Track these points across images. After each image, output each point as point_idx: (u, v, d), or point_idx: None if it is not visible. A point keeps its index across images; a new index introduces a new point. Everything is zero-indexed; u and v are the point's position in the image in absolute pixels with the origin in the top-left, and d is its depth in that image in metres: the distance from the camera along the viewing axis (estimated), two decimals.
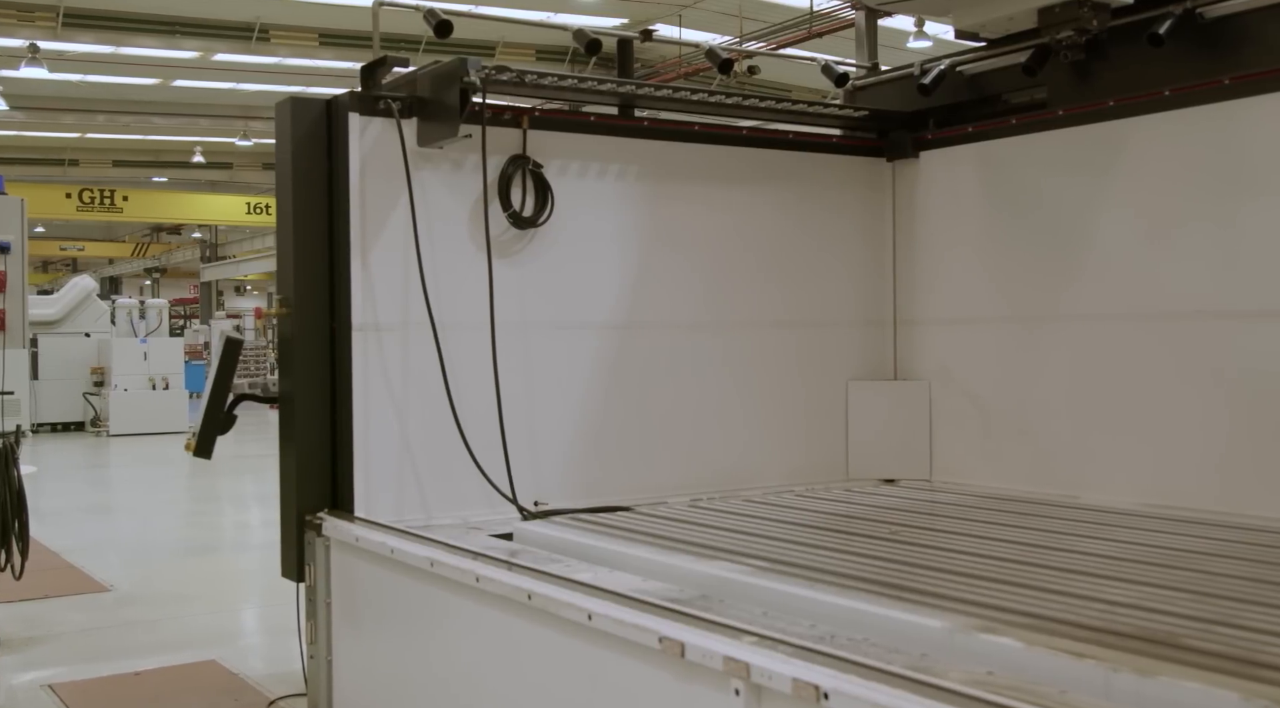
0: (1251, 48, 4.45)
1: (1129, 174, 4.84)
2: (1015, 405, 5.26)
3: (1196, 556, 3.65)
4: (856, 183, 5.76)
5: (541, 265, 4.93)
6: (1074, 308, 5.02)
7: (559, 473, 4.92)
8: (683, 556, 3.74)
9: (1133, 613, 2.91)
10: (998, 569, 3.49)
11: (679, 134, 5.33)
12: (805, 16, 16.45)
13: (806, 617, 2.99)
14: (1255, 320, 4.41)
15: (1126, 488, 4.75)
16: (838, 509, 4.79)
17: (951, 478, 5.49)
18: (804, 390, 5.57)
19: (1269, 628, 2.74)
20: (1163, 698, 2.33)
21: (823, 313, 5.64)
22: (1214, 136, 4.55)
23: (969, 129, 5.50)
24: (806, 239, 5.61)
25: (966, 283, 5.50)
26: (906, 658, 2.57)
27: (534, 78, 4.88)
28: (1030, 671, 2.52)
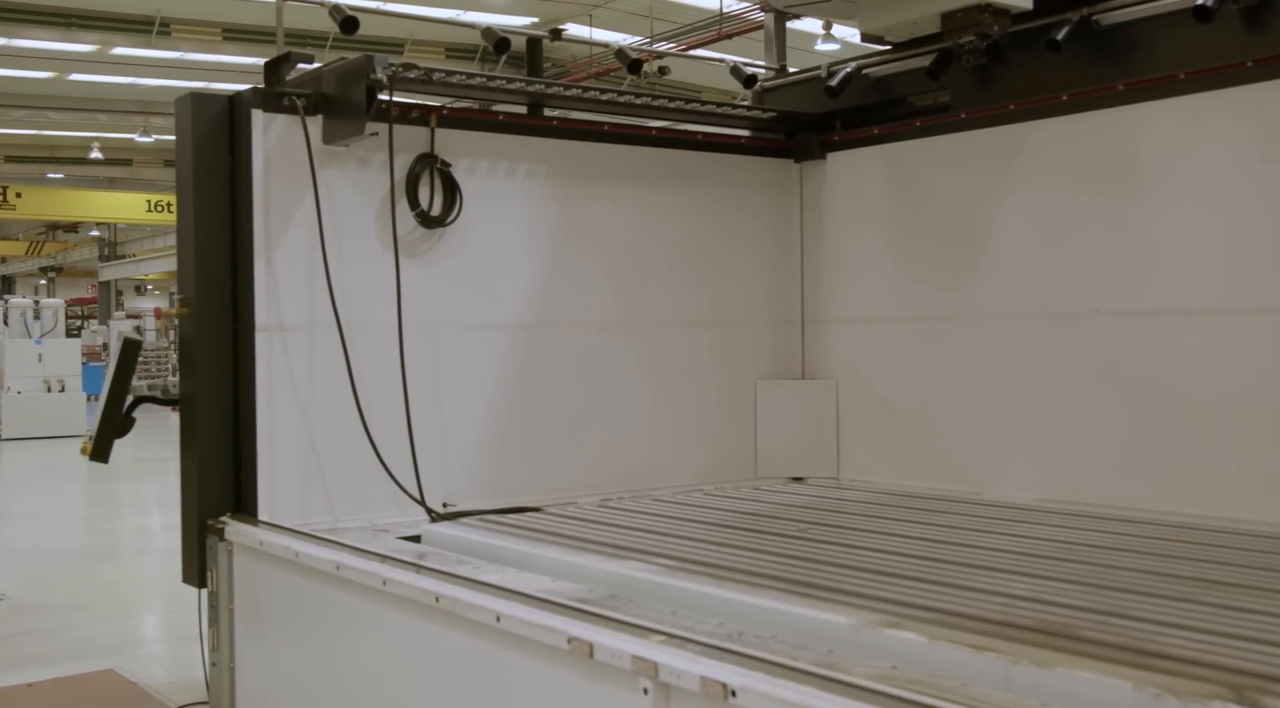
0: (1144, 54, 4.58)
1: (1029, 176, 4.95)
2: (920, 404, 5.35)
3: (1092, 549, 3.74)
4: (765, 183, 5.81)
5: (450, 265, 4.90)
6: (976, 307, 5.12)
7: (468, 474, 4.88)
8: (592, 556, 3.73)
9: (1031, 606, 2.98)
10: (902, 565, 3.54)
11: (589, 134, 5.32)
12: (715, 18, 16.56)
13: (715, 615, 3.00)
14: (1148, 319, 4.54)
15: (1027, 484, 4.86)
16: (746, 508, 4.82)
17: (858, 476, 5.56)
18: (713, 390, 5.60)
19: (1159, 618, 2.82)
20: (1059, 688, 2.38)
21: (731, 313, 5.67)
22: (1109, 140, 4.67)
23: (875, 131, 5.58)
24: (715, 239, 5.64)
25: (872, 283, 5.58)
26: (813, 655, 2.60)
27: (442, 76, 4.84)
28: (933, 665, 2.56)
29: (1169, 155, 4.50)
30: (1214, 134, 4.37)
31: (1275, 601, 3.00)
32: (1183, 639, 2.63)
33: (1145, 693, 2.26)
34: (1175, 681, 2.31)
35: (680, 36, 17.33)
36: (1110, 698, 2.31)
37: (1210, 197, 4.37)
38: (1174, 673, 2.37)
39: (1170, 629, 2.72)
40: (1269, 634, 2.66)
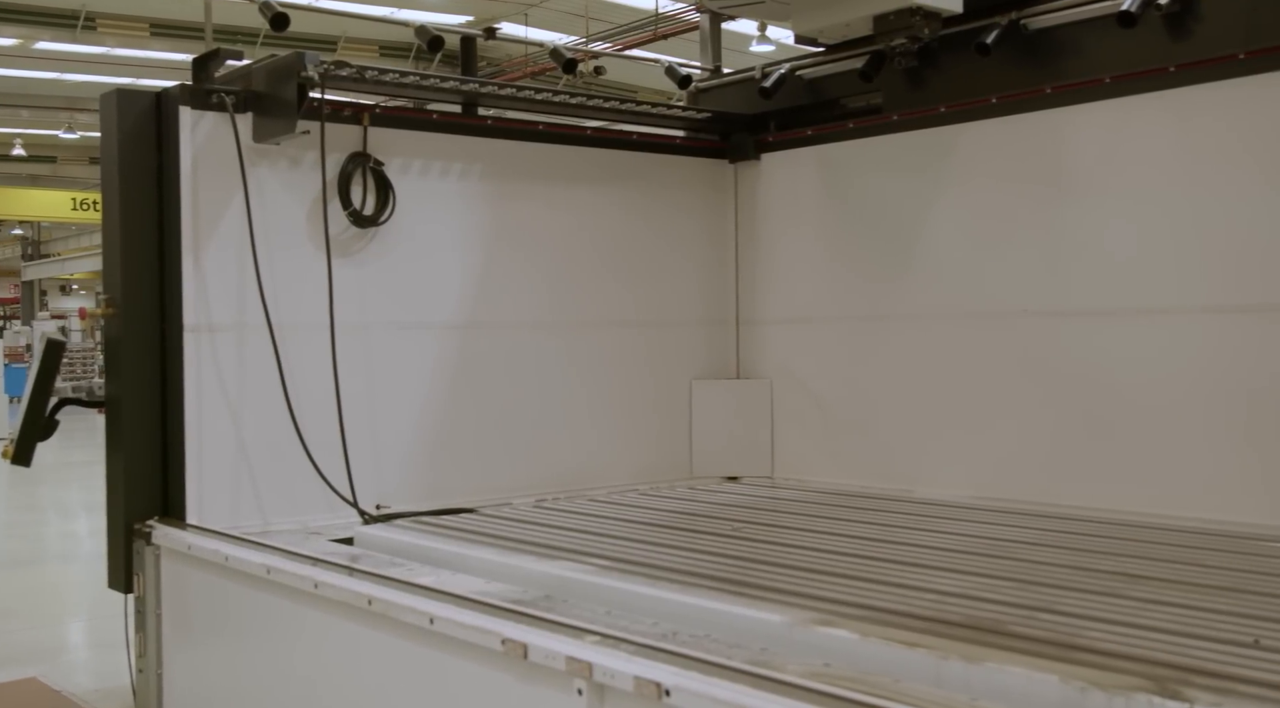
0: (1071, 58, 4.66)
1: (960, 177, 5.01)
2: (853, 403, 5.40)
3: (1021, 545, 3.80)
4: (700, 184, 5.83)
5: (383, 265, 4.85)
6: (908, 307, 5.18)
7: (402, 475, 4.84)
8: (526, 556, 3.72)
9: (962, 602, 3.01)
10: (836, 563, 3.57)
11: (523, 133, 5.30)
12: (651, 18, 16.58)
13: (649, 615, 3.01)
14: (1076, 319, 4.62)
15: (958, 481, 4.92)
16: (681, 507, 4.83)
17: (793, 474, 5.60)
18: (648, 390, 5.61)
19: (1085, 613, 2.87)
20: (989, 683, 2.42)
21: (666, 313, 5.69)
22: (1038, 142, 4.74)
23: (808, 132, 5.62)
24: (650, 240, 5.65)
25: (806, 283, 5.62)
26: (747, 653, 2.62)
27: (375, 74, 4.79)
28: (865, 661, 2.59)
29: (1096, 158, 4.58)
30: (1139, 137, 4.46)
31: (1196, 594, 3.07)
32: (1108, 633, 2.67)
33: (1071, 686, 2.30)
34: (1100, 674, 2.35)
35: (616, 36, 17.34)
36: (1037, 692, 2.34)
37: (1136, 198, 4.46)
38: (1099, 666, 2.41)
39: (1096, 624, 2.77)
40: (1190, 627, 2.72)
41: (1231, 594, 3.07)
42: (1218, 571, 3.36)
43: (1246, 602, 2.98)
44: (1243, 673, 2.34)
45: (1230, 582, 3.21)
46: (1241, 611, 2.88)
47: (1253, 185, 4.15)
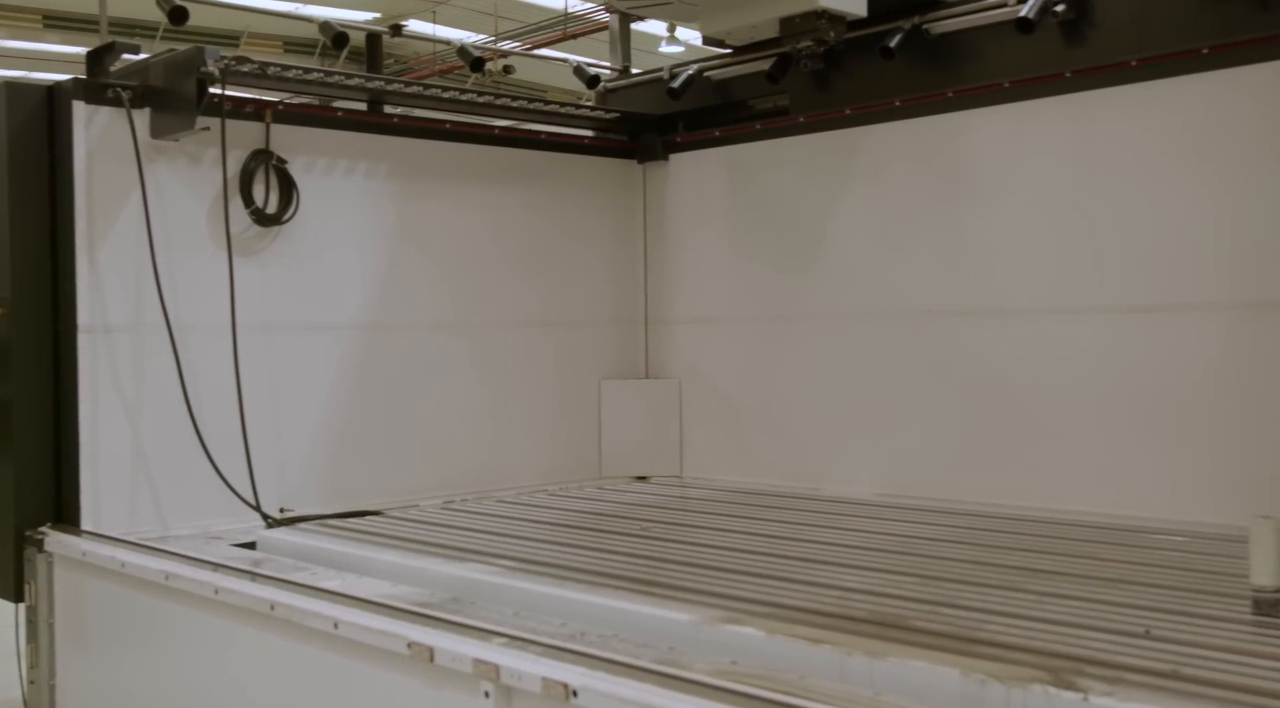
0: (972, 63, 4.75)
1: (865, 179, 5.08)
2: (761, 402, 5.44)
3: (924, 541, 3.86)
4: (608, 184, 5.83)
5: (287, 265, 4.77)
6: (814, 306, 5.23)
7: (306, 478, 4.77)
8: (433, 559, 3.68)
9: (866, 598, 3.05)
10: (743, 562, 3.59)
11: (431, 132, 5.25)
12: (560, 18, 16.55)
13: (557, 616, 3.00)
14: (977, 318, 4.71)
15: (864, 479, 4.99)
16: (590, 507, 4.83)
17: (702, 474, 5.62)
18: (557, 390, 5.60)
19: (985, 607, 2.92)
20: (892, 677, 2.45)
21: (575, 313, 5.68)
22: (940, 144, 4.83)
23: (716, 133, 5.65)
24: (559, 239, 5.64)
25: (714, 283, 5.65)
26: (654, 652, 2.62)
27: (277, 70, 4.71)
28: (772, 659, 2.60)
29: (996, 160, 4.68)
30: (1037, 140, 4.56)
31: (1091, 587, 3.15)
32: (1007, 626, 2.73)
33: (971, 679, 2.34)
34: (999, 666, 2.39)
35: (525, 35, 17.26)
36: (938, 685, 2.38)
37: (1034, 200, 4.56)
38: (998, 659, 2.46)
39: (996, 617, 2.82)
40: (1085, 619, 2.78)
41: (1125, 586, 3.15)
42: (1112, 564, 3.44)
43: (1139, 593, 3.06)
44: (1134, 663, 2.41)
45: (1124, 574, 3.30)
46: (1134, 602, 2.95)
47: (1144, 188, 4.27)
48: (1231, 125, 4.07)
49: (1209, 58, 4.10)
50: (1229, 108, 4.07)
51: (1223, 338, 4.09)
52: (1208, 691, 2.24)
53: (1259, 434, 3.99)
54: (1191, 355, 4.15)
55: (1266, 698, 2.19)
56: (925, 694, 2.37)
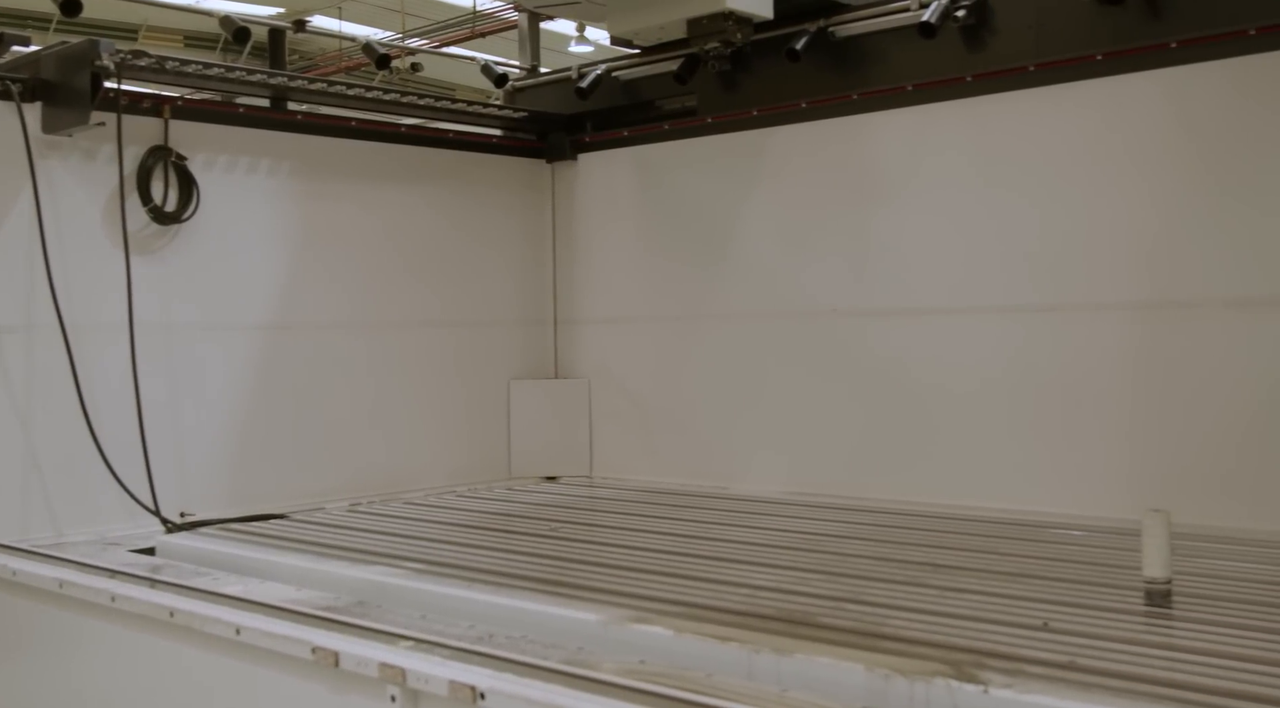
0: (876, 66, 4.82)
1: (771, 180, 5.13)
2: (670, 402, 5.46)
3: (831, 538, 3.91)
4: (517, 183, 5.81)
5: (187, 264, 4.67)
6: (722, 306, 5.27)
7: (208, 482, 4.67)
8: (339, 562, 3.63)
9: (773, 596, 3.08)
10: (652, 561, 3.60)
11: (336, 130, 5.18)
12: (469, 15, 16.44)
13: (465, 618, 2.97)
14: (881, 318, 4.78)
15: (773, 478, 5.03)
16: (499, 508, 4.81)
17: (611, 473, 5.63)
18: (465, 390, 5.56)
19: (890, 602, 2.97)
20: (798, 673, 2.47)
21: (484, 312, 5.64)
22: (845, 146, 4.89)
23: (625, 133, 5.66)
24: (468, 239, 5.60)
25: (623, 282, 5.66)
26: (563, 653, 2.62)
27: (176, 65, 4.61)
28: (680, 657, 2.61)
29: (899, 162, 4.75)
30: (939, 143, 4.64)
31: (992, 581, 3.21)
32: (910, 621, 2.77)
33: (875, 674, 2.38)
34: (903, 661, 2.43)
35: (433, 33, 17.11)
36: (844, 680, 2.41)
37: (936, 202, 4.64)
38: (902, 654, 2.49)
39: (900, 612, 2.86)
40: (986, 613, 2.84)
41: (1024, 580, 3.22)
42: (1012, 558, 3.52)
43: (1038, 587, 3.13)
44: (1033, 655, 2.46)
45: (1023, 568, 3.37)
46: (1033, 595, 3.02)
47: (1042, 191, 4.37)
48: (1125, 130, 4.19)
49: (1103, 64, 4.21)
50: (1122, 113, 4.19)
51: (1118, 337, 4.20)
52: (1102, 680, 2.29)
53: (1154, 430, 4.10)
54: (1088, 354, 4.26)
55: (1157, 686, 2.26)
56: (831, 690, 2.39)
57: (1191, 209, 4.04)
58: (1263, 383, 3.88)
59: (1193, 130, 4.05)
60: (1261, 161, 3.90)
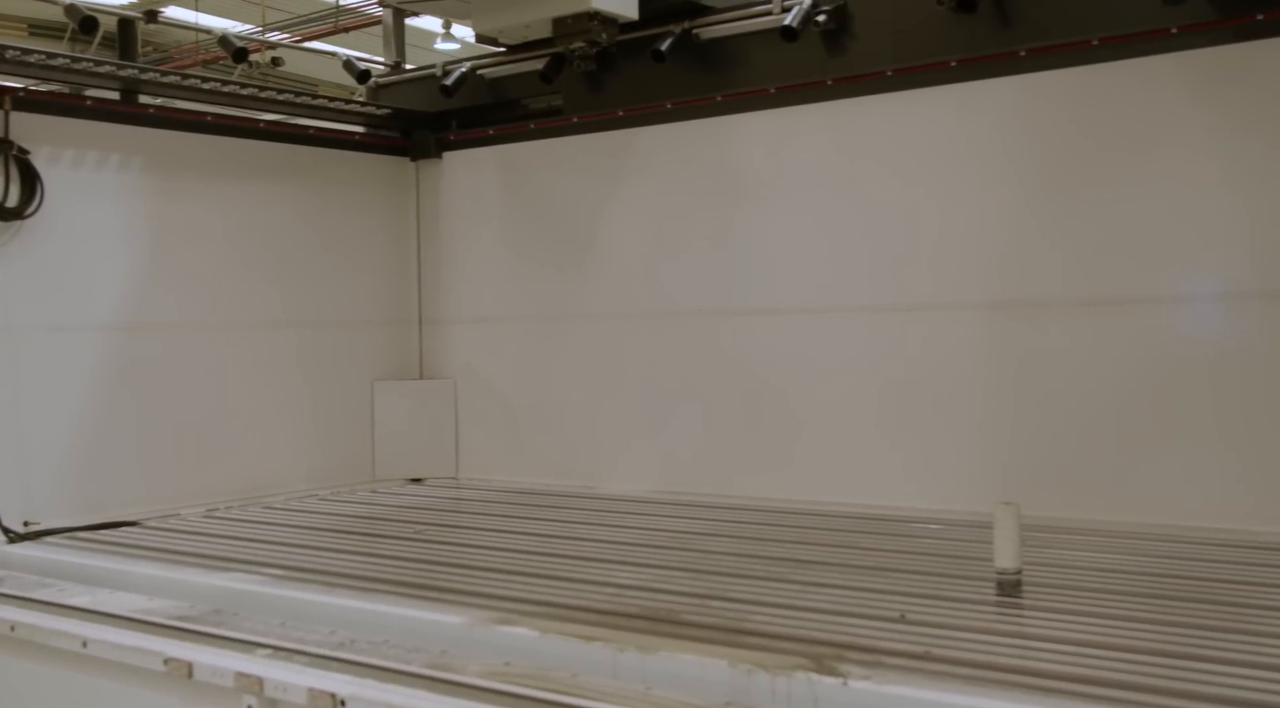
0: (739, 68, 4.88)
1: (637, 180, 5.15)
2: (537, 402, 5.44)
3: (696, 536, 3.94)
4: (381, 181, 5.72)
5: (31, 262, 4.47)
6: (589, 306, 5.27)
7: (55, 489, 4.48)
8: (194, 570, 3.52)
9: (639, 594, 3.09)
10: (517, 562, 3.58)
11: (190, 124, 5.02)
12: (332, 10, 16.12)
13: (326, 624, 2.92)
14: (745, 317, 4.84)
15: (639, 476, 5.05)
16: (363, 511, 4.73)
17: (478, 474, 5.58)
18: (328, 391, 5.45)
19: (753, 598, 3.01)
20: (663, 671, 2.49)
21: (346, 312, 5.54)
22: (710, 147, 4.94)
23: (490, 131, 5.62)
24: (330, 238, 5.49)
25: (490, 282, 5.62)
26: (426, 657, 2.60)
27: (16, 54, 4.41)
28: (545, 658, 2.60)
29: (762, 163, 4.82)
30: (800, 145, 4.72)
31: (852, 575, 3.28)
32: (773, 616, 2.81)
33: (739, 669, 2.40)
34: (765, 655, 2.46)
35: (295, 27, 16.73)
36: (708, 677, 2.43)
37: (798, 203, 4.72)
38: (765, 649, 2.53)
39: (763, 608, 2.90)
40: (846, 606, 2.90)
41: (883, 574, 3.30)
42: (872, 552, 3.60)
43: (896, 580, 3.21)
44: (891, 646, 2.52)
45: (881, 562, 3.45)
46: (891, 588, 3.09)
47: (900, 193, 4.48)
48: (978, 135, 4.32)
49: (957, 70, 4.33)
50: (975, 118, 4.32)
51: (973, 336, 4.33)
52: (956, 669, 2.36)
53: (1007, 426, 4.24)
54: (945, 353, 4.38)
55: (1008, 673, 2.33)
56: (695, 686, 2.42)
57: (1041, 212, 4.18)
58: (1109, 380, 4.04)
59: (1041, 135, 4.19)
60: (1105, 166, 4.06)
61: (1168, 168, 3.94)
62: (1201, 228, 3.89)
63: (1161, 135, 3.96)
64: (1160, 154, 3.96)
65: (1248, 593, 2.98)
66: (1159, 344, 3.96)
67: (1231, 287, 3.84)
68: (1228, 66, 3.84)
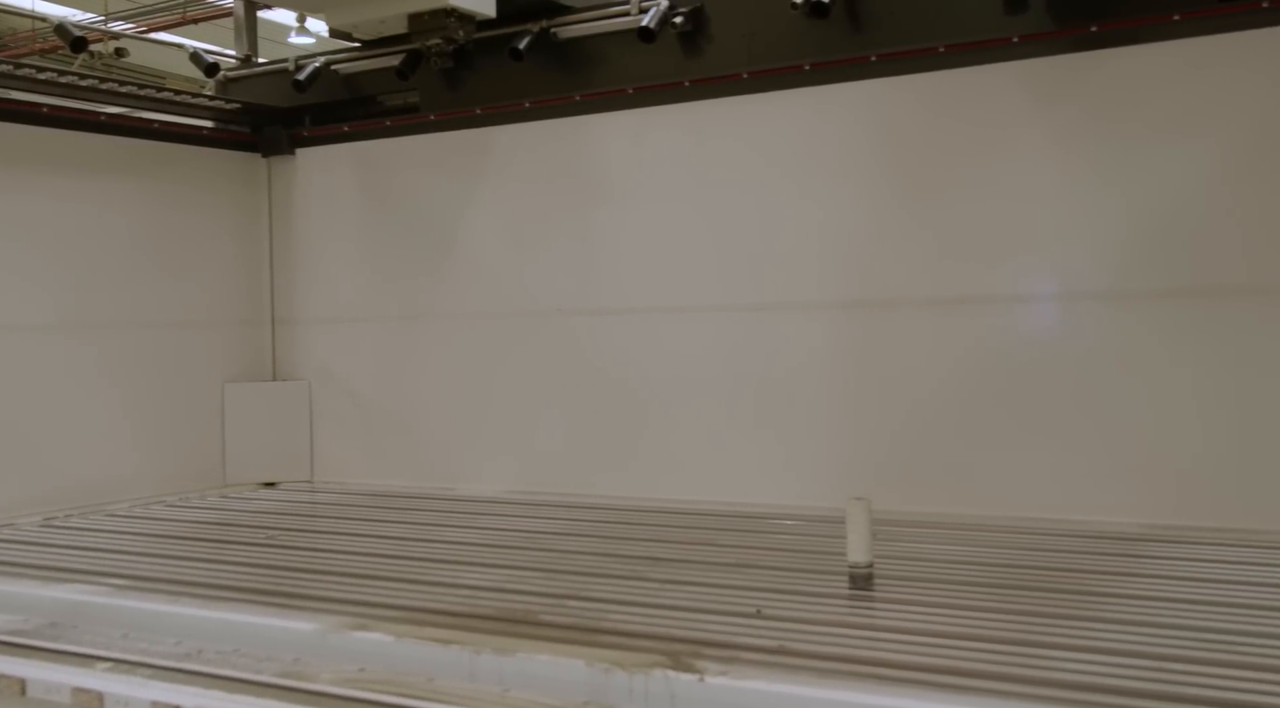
0: (598, 68, 4.88)
1: (496, 179, 5.11)
2: (395, 403, 5.36)
3: (554, 536, 3.94)
4: (230, 178, 5.56)
5: None
6: (448, 306, 5.21)
7: None
8: (29, 581, 3.36)
9: (495, 596, 3.07)
10: (372, 566, 3.52)
11: (25, 116, 4.80)
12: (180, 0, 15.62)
13: (172, 634, 2.83)
14: (604, 317, 4.84)
15: (498, 477, 5.02)
16: (212, 517, 4.59)
17: (333, 478, 5.47)
18: (176, 394, 5.27)
19: (611, 597, 3.01)
20: (520, 672, 2.47)
21: (195, 312, 5.37)
22: (569, 147, 4.93)
23: (345, 128, 5.52)
24: (177, 235, 5.31)
25: (346, 281, 5.51)
26: (278, 665, 2.54)
27: None
28: (401, 663, 2.57)
29: (621, 163, 4.83)
30: (659, 145, 4.75)
31: (710, 572, 3.31)
32: (631, 615, 2.82)
33: (596, 668, 2.40)
34: (623, 654, 2.47)
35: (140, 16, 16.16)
36: (565, 676, 2.42)
37: (657, 203, 4.75)
38: (622, 647, 2.53)
39: (620, 606, 2.91)
40: (703, 603, 2.92)
41: (739, 570, 3.34)
42: (729, 549, 3.64)
43: (752, 576, 3.25)
44: (747, 642, 2.55)
45: (739, 558, 3.49)
46: (747, 584, 3.13)
47: (755, 194, 4.54)
48: (830, 137, 4.41)
49: (811, 74, 4.41)
50: (828, 121, 4.41)
51: (824, 335, 4.41)
52: (810, 663, 2.40)
53: (857, 423, 4.33)
54: (798, 351, 4.45)
55: (859, 665, 2.38)
56: (552, 687, 2.41)
57: (890, 213, 4.29)
58: (954, 377, 4.17)
59: (891, 139, 4.30)
60: (950, 170, 4.18)
61: (1009, 172, 4.08)
62: (1041, 231, 4.04)
63: (1003, 141, 4.10)
64: (1002, 159, 4.10)
65: (1087, 581, 3.10)
66: (1002, 342, 4.10)
67: (1069, 287, 4.00)
68: (1065, 75, 3.99)
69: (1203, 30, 3.77)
